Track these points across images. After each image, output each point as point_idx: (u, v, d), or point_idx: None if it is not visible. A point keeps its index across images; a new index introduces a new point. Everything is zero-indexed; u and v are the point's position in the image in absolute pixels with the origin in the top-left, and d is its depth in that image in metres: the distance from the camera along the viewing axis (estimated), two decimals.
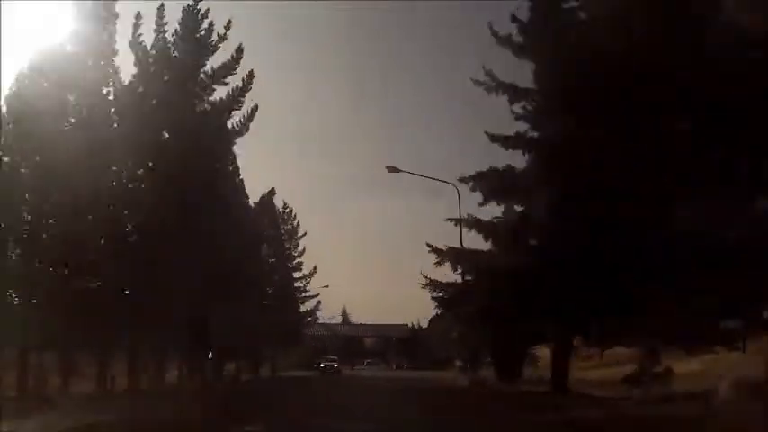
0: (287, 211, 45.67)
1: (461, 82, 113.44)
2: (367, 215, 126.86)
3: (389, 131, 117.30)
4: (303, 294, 46.15)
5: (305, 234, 46.12)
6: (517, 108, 19.17)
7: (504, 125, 22.23)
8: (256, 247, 39.17)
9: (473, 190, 18.55)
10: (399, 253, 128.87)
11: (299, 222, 46.16)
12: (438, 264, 19.10)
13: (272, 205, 42.82)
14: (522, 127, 19.30)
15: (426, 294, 20.21)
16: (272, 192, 31.34)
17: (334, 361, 51.01)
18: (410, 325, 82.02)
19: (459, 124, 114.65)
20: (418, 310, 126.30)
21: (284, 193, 72.39)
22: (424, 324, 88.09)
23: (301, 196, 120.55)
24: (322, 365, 48.77)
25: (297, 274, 45.38)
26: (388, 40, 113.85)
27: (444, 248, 19.19)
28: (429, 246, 19.32)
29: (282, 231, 44.55)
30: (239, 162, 30.10)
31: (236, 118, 22.60)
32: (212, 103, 21.95)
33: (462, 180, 18.77)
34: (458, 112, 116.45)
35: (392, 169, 24.93)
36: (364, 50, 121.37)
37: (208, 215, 22.34)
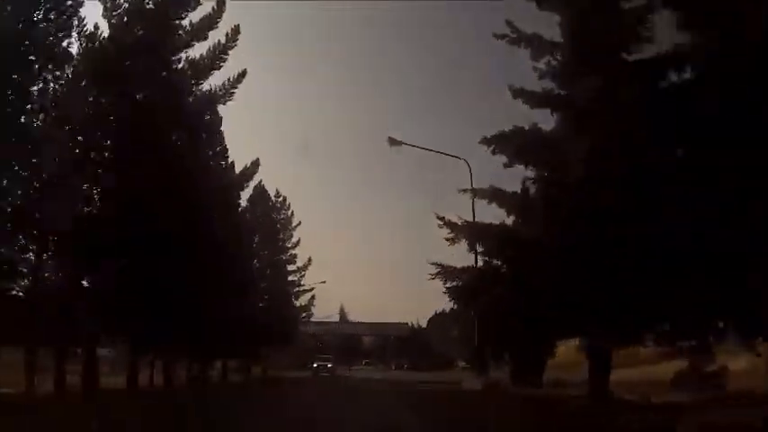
0: (280, 199, 42.73)
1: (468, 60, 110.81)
2: (366, 211, 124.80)
3: (389, 121, 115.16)
4: (297, 289, 43.12)
5: (299, 224, 43.19)
6: (541, 65, 16.81)
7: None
8: (246, 233, 36.48)
9: (495, 153, 15.86)
10: (399, 252, 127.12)
11: (293, 212, 43.27)
12: (451, 241, 16.38)
13: (264, 192, 40.02)
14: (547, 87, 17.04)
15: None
16: (256, 163, 28.12)
17: (328, 360, 47.85)
18: (410, 324, 79.37)
19: (465, 112, 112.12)
20: (418, 309, 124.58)
21: (279, 185, 69.17)
22: (423, 324, 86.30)
23: (297, 190, 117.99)
24: (314, 365, 45.82)
25: (291, 267, 42.43)
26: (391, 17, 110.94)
27: (459, 222, 16.44)
28: (440, 219, 16.60)
29: (275, 220, 41.67)
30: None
31: (219, 81, 19.75)
32: (191, 62, 19.03)
33: (483, 142, 15.99)
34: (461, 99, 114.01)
35: (394, 142, 22.08)
36: (362, 26, 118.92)
37: (188, 191, 19.55)
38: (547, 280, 13.55)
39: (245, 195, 38.36)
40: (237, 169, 27.82)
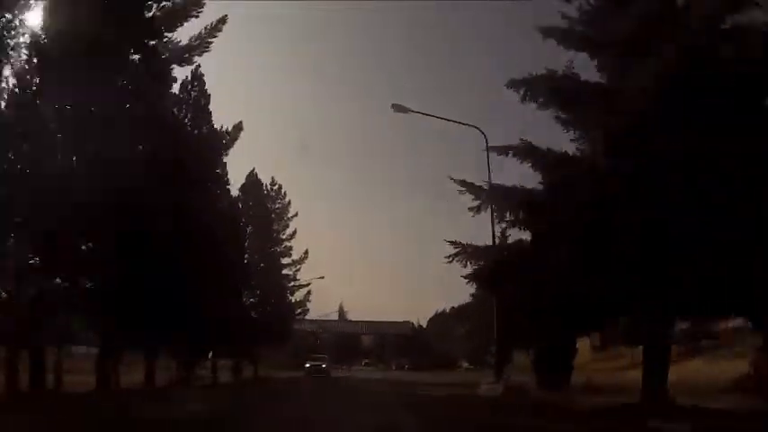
0: (275, 187, 39.82)
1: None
2: (365, 211, 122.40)
3: (389, 120, 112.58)
4: (292, 284, 39.99)
5: (296, 215, 40.21)
6: (571, 10, 14.23)
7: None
8: (238, 222, 33.87)
9: (525, 99, 13.26)
10: (398, 252, 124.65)
11: (290, 201, 40.21)
12: (475, 210, 13.67)
13: (257, 180, 37.29)
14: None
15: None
16: (238, 126, 25.03)
17: (322, 360, 42.92)
18: (411, 323, 76.65)
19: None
20: (417, 310, 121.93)
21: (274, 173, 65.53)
22: (423, 324, 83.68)
23: (296, 191, 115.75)
24: (306, 366, 41.25)
25: (286, 261, 39.41)
26: None
27: (485, 185, 13.68)
28: (460, 183, 13.85)
29: (270, 210, 38.84)
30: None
31: (197, 29, 16.99)
32: (164, 9, 16.25)
33: (512, 85, 13.33)
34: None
35: (399, 108, 19.18)
36: None
37: (160, 157, 16.89)
38: (592, 254, 10.88)
39: (235, 181, 36.06)
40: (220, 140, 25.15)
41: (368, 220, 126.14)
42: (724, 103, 10.54)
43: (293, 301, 40.16)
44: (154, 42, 15.67)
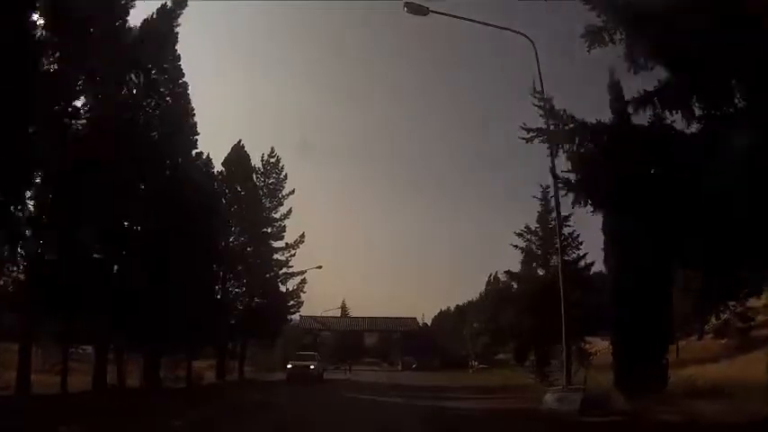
0: (273, 159, 34.47)
1: None
2: (367, 210, 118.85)
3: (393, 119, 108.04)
4: (284, 270, 34.37)
5: (292, 192, 34.58)
6: None
7: None
8: (218, 197, 29.16)
9: None
10: (399, 251, 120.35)
11: (286, 175, 34.71)
12: (591, 39, 9.35)
13: (242, 151, 32.32)
14: None
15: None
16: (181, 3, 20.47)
17: (310, 360, 32.09)
18: (416, 319, 71.56)
19: None
20: (418, 308, 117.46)
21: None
22: (428, 322, 79.08)
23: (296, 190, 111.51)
24: (288, 367, 31.46)
25: (278, 244, 34.00)
26: None
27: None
28: None
29: (263, 184, 33.83)
30: None
31: None
32: None
33: None
34: None
35: (414, 9, 14.08)
36: None
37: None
38: None
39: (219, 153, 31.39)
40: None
41: (369, 220, 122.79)
42: None
43: (286, 290, 34.57)
44: None
